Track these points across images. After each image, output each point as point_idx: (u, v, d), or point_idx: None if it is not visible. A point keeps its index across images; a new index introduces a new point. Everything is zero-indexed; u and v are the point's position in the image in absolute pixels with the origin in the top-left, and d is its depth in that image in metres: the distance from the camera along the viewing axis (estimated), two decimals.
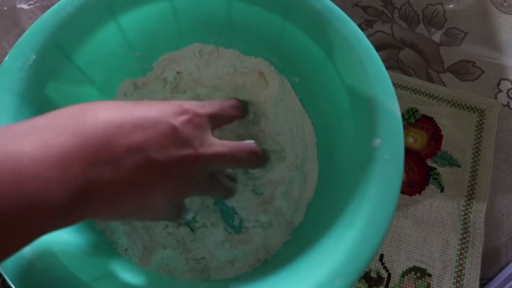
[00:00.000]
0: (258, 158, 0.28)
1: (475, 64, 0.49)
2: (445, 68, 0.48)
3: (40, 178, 0.17)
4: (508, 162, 0.44)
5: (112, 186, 0.20)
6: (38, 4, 0.39)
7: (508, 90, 0.47)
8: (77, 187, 0.18)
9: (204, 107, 0.25)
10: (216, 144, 0.24)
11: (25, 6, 0.38)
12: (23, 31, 0.39)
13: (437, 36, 0.50)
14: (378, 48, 0.49)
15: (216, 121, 0.26)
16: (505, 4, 0.52)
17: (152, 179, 0.21)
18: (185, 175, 0.23)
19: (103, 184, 0.19)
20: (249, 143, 0.27)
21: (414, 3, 0.52)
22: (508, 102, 0.47)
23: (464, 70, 0.48)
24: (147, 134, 0.21)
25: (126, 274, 0.30)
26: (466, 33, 0.51)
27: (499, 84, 0.48)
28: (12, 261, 0.24)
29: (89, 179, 0.19)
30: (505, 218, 0.41)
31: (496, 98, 0.47)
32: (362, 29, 0.27)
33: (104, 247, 0.32)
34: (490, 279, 0.39)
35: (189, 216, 0.32)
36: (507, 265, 0.39)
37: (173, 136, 0.22)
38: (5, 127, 0.18)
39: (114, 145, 0.20)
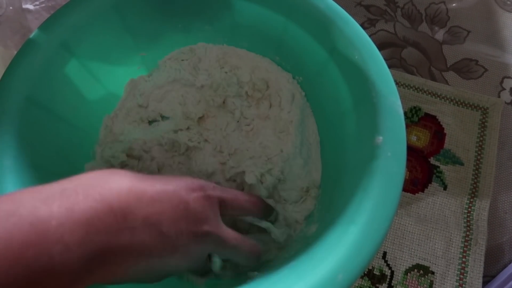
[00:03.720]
0: (256, 258, 0.29)
1: (478, 63, 0.49)
2: (448, 66, 0.49)
3: (63, 242, 0.18)
4: (511, 160, 0.44)
5: (126, 252, 0.21)
6: (44, 5, 0.39)
7: (511, 88, 0.47)
8: (95, 252, 0.19)
9: (216, 190, 0.26)
10: (224, 229, 0.25)
11: (30, 7, 0.38)
12: (29, 31, 0.39)
13: (440, 35, 0.50)
14: (381, 46, 0.49)
15: (226, 208, 0.26)
16: (508, 2, 0.52)
17: (162, 250, 0.22)
18: (191, 249, 0.24)
19: (118, 250, 0.20)
20: (254, 244, 0.28)
21: (417, 2, 0.52)
22: (511, 100, 0.47)
23: (467, 69, 0.48)
24: (162, 207, 0.22)
25: None
26: (469, 32, 0.51)
27: (502, 82, 0.48)
28: None
29: (106, 244, 0.20)
30: (508, 216, 0.41)
31: (499, 96, 0.47)
32: (365, 28, 0.28)
33: None
34: (493, 277, 0.39)
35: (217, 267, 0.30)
36: (510, 263, 0.39)
37: (185, 210, 0.23)
38: (36, 189, 0.19)
39: (133, 215, 0.21)
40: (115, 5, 0.32)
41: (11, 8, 0.38)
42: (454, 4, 0.52)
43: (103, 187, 0.20)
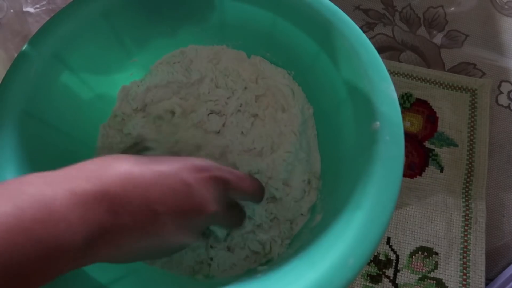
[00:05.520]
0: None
1: (476, 66, 0.49)
2: (446, 70, 0.49)
3: (67, 220, 0.19)
4: (509, 164, 0.44)
5: (126, 233, 0.22)
6: (44, 8, 0.39)
7: (509, 92, 0.48)
8: (95, 230, 0.20)
9: (221, 171, 0.26)
10: (222, 206, 0.26)
11: (31, 10, 0.39)
12: (30, 34, 0.39)
13: (438, 39, 0.51)
14: (380, 50, 0.48)
15: (229, 188, 0.27)
16: (506, 6, 0.52)
17: (162, 232, 0.23)
18: (195, 227, 0.25)
19: (117, 230, 0.21)
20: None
21: (415, 6, 0.53)
22: (509, 104, 0.47)
23: (465, 72, 0.49)
24: (161, 190, 0.23)
25: (144, 276, 0.30)
26: (467, 36, 0.51)
27: (500, 86, 0.48)
28: None
29: (105, 224, 0.21)
30: (506, 219, 0.42)
31: (496, 100, 0.47)
32: (363, 32, 0.29)
33: None
34: (492, 280, 0.39)
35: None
36: (508, 266, 0.39)
37: (186, 192, 0.23)
38: (42, 174, 0.21)
39: (128, 198, 0.22)
40: (103, 13, 0.32)
41: (11, 11, 0.38)
42: (452, 8, 0.52)
43: (102, 173, 0.21)
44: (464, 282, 0.38)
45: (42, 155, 0.30)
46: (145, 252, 0.24)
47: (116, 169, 0.22)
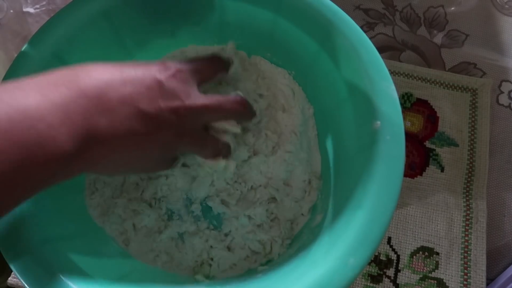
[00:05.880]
0: (246, 110, 0.29)
1: (477, 66, 0.49)
2: (447, 69, 0.49)
3: (46, 121, 0.18)
4: (510, 163, 0.44)
5: (108, 134, 0.22)
6: (44, 8, 0.39)
7: (509, 92, 0.48)
8: (78, 134, 0.20)
9: (186, 64, 0.27)
10: (202, 96, 0.26)
11: (31, 10, 0.39)
12: (30, 34, 0.39)
13: (438, 38, 0.50)
14: (380, 50, 0.48)
15: (200, 75, 0.28)
16: (507, 6, 0.52)
17: (145, 129, 0.23)
18: (177, 125, 0.25)
19: (100, 132, 0.21)
20: (235, 94, 0.29)
21: (416, 6, 0.52)
22: (510, 104, 0.47)
23: (465, 72, 0.48)
24: (135, 88, 0.23)
25: (144, 276, 0.30)
26: (467, 35, 0.51)
27: (500, 85, 0.48)
28: (32, 273, 0.24)
29: (87, 127, 0.21)
30: (507, 219, 0.42)
31: (497, 100, 0.47)
32: (364, 32, 0.29)
33: (117, 251, 0.32)
34: (492, 280, 0.39)
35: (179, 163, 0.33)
36: (509, 266, 0.39)
37: (160, 89, 0.24)
38: (6, 83, 0.20)
39: (106, 97, 0.22)
40: (103, 12, 0.32)
41: (11, 11, 0.38)
42: (452, 8, 0.52)
43: (73, 78, 0.22)
44: (465, 282, 0.38)
45: None
46: (132, 160, 0.24)
47: (87, 74, 0.22)
